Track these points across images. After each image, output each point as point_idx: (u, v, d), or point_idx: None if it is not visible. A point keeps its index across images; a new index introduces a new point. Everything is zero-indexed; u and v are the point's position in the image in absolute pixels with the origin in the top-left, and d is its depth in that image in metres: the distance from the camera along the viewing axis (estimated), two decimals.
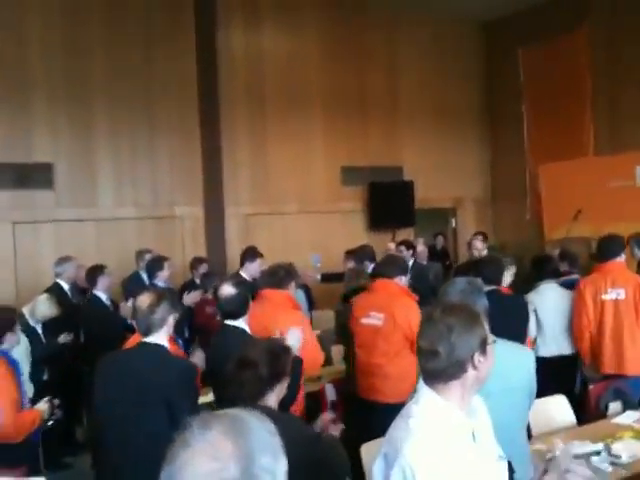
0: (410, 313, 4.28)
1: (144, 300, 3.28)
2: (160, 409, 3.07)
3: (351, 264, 7.21)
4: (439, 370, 1.90)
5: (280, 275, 4.34)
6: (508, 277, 4.72)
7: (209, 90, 9.03)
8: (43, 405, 3.82)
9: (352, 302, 5.02)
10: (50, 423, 3.92)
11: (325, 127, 9.96)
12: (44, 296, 5.72)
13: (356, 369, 4.65)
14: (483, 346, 1.94)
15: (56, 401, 3.91)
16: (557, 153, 9.58)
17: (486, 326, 2.01)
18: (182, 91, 8.90)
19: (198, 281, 7.15)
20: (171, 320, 3.30)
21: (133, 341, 3.58)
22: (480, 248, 7.00)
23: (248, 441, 1.15)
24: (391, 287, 4.58)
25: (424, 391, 1.95)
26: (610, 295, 4.88)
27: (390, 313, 4.41)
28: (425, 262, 7.92)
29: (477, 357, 1.92)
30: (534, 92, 10.34)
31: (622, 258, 5.00)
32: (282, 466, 1.20)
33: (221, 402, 3.71)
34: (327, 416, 3.12)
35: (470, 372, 1.91)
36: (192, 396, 3.23)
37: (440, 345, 1.89)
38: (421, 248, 8.10)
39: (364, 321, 4.58)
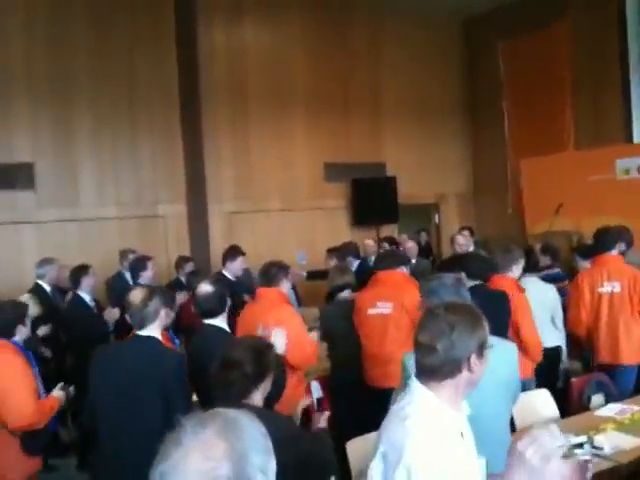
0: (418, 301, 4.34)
1: (137, 294, 3.41)
2: (155, 399, 3.12)
3: (333, 261, 7.24)
4: (435, 367, 1.91)
5: (271, 273, 4.39)
6: (518, 269, 4.74)
7: (190, 88, 8.99)
8: (58, 392, 3.87)
9: (344, 298, 5.10)
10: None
11: (308, 124, 9.95)
12: (26, 296, 5.68)
13: (365, 360, 4.72)
14: (481, 349, 1.96)
15: (71, 389, 3.97)
16: (538, 147, 9.66)
17: (487, 329, 2.02)
18: (164, 89, 8.86)
19: (184, 280, 7.13)
20: (163, 314, 3.38)
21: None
22: (462, 243, 7.03)
23: (241, 441, 1.16)
24: (396, 277, 4.72)
25: (418, 389, 1.96)
26: (606, 288, 4.92)
27: (399, 301, 4.53)
28: (414, 259, 7.95)
29: (474, 359, 1.93)
30: (515, 87, 10.40)
31: (617, 251, 5.03)
32: (273, 465, 1.22)
33: (205, 402, 3.71)
34: (317, 415, 3.14)
35: (464, 373, 1.93)
36: (186, 387, 3.30)
37: (439, 342, 1.90)
38: (410, 244, 8.10)
39: (371, 312, 4.67)
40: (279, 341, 3.51)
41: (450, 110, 11.19)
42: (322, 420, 3.08)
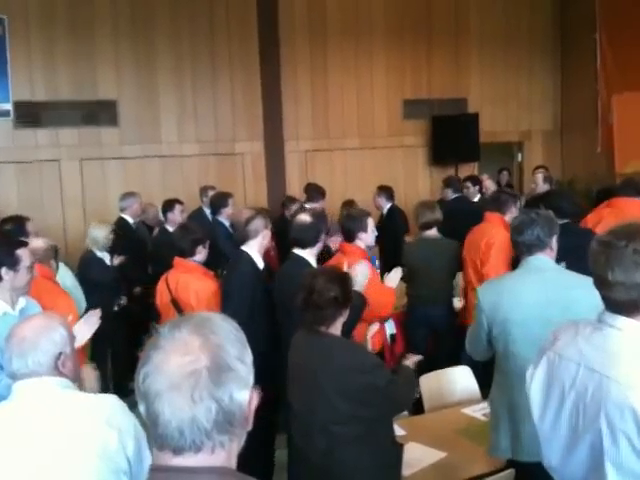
0: None
1: (243, 214, 4.02)
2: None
3: (382, 199, 7.39)
4: (632, 301, 1.76)
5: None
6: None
7: (269, 24, 8.88)
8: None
9: (430, 235, 5.08)
10: None
11: (387, 60, 9.67)
12: (92, 224, 5.93)
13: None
14: None
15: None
16: (631, 83, 9.06)
17: None
18: (242, 27, 8.79)
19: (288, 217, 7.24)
20: (261, 236, 3.98)
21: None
22: (539, 183, 6.92)
23: (215, 334, 1.20)
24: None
25: (625, 322, 1.80)
26: None
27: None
28: None
29: None
30: (609, 18, 9.72)
31: None
32: (250, 357, 1.25)
33: (288, 327, 3.79)
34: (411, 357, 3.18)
35: None
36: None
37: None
38: (489, 183, 7.90)
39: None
40: (360, 277, 3.52)
41: (538, 42, 10.60)
42: (411, 362, 3.13)
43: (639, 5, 9.07)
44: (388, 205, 7.44)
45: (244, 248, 4.02)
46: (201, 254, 4.23)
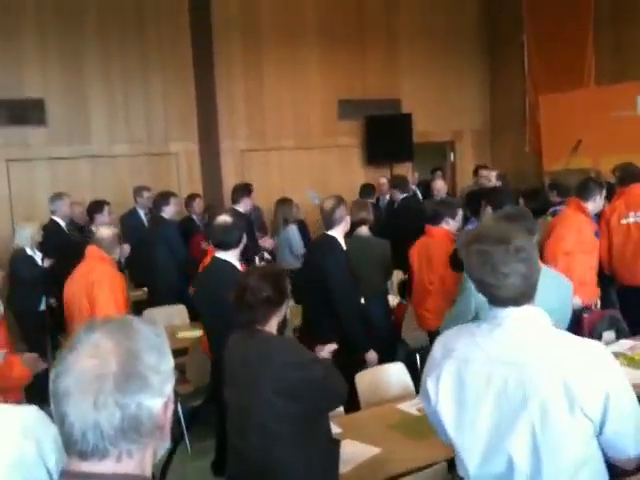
0: None
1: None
2: None
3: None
4: None
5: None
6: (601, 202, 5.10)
7: (202, 22, 8.79)
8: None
9: (361, 234, 5.15)
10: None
11: (321, 61, 9.72)
12: (19, 222, 5.95)
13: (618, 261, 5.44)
14: None
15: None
16: (557, 83, 9.38)
17: None
18: (175, 24, 8.68)
19: (195, 218, 7.19)
20: (345, 222, 4.40)
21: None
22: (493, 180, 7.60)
23: (130, 340, 1.17)
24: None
25: (517, 310, 1.95)
26: (629, 219, 5.31)
27: None
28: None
29: None
30: (535, 21, 10.03)
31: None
32: (168, 365, 1.22)
33: (212, 332, 3.76)
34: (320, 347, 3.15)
35: None
36: None
37: None
38: (440, 185, 7.97)
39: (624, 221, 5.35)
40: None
41: (468, 45, 10.86)
42: (326, 351, 3.11)
43: (565, 7, 9.40)
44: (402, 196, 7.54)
45: (331, 233, 4.36)
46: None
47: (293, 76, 9.55)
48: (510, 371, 1.87)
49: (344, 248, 4.37)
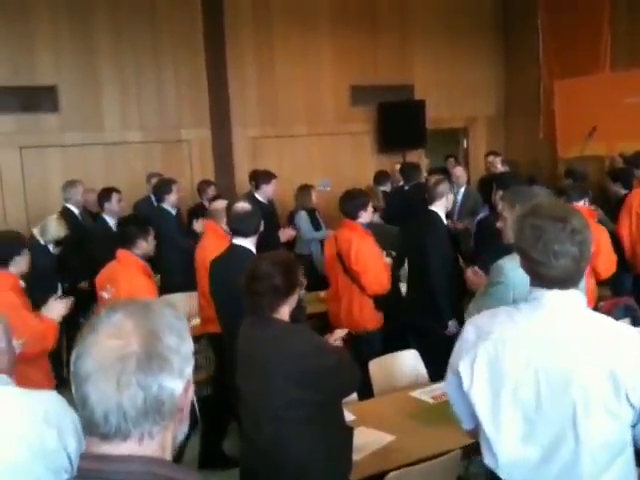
0: None
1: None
2: None
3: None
4: None
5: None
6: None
7: (214, 8, 8.73)
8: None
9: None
10: None
11: (334, 46, 9.64)
12: (54, 216, 5.80)
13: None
14: None
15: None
16: (572, 69, 9.28)
17: None
18: (186, 10, 8.62)
19: (207, 204, 7.13)
20: (445, 198, 4.64)
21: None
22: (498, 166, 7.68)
23: (151, 322, 1.18)
24: None
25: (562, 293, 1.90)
26: None
27: None
28: (463, 187, 7.65)
29: None
30: (551, 5, 9.92)
31: None
32: (188, 347, 1.22)
33: (225, 317, 3.77)
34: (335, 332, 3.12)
35: None
36: None
37: None
38: (459, 172, 7.75)
39: None
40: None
41: (482, 29, 10.73)
42: (337, 337, 3.04)
43: None
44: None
45: (433, 208, 4.63)
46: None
47: (305, 62, 9.49)
48: (552, 354, 1.81)
49: (445, 223, 4.72)
